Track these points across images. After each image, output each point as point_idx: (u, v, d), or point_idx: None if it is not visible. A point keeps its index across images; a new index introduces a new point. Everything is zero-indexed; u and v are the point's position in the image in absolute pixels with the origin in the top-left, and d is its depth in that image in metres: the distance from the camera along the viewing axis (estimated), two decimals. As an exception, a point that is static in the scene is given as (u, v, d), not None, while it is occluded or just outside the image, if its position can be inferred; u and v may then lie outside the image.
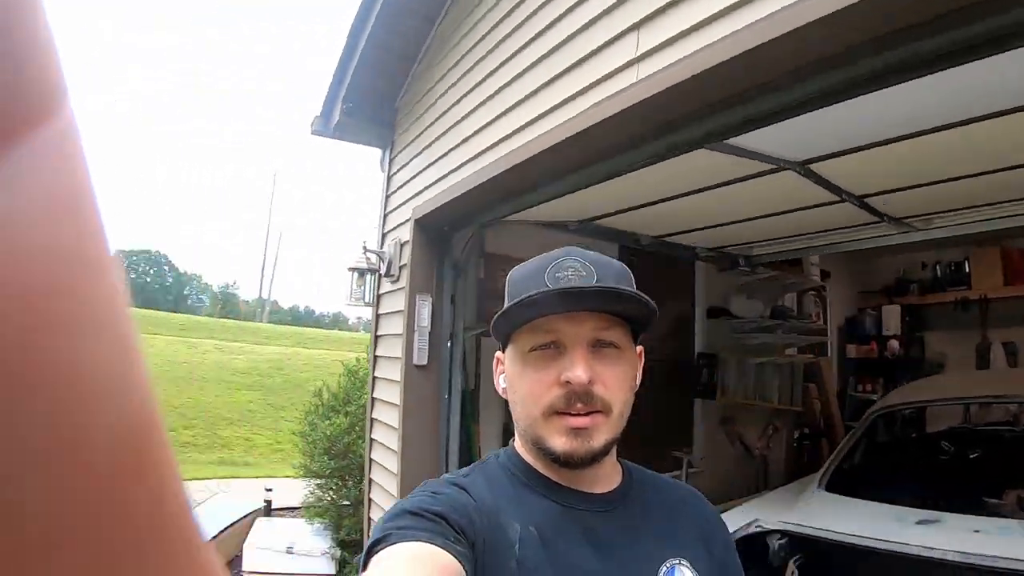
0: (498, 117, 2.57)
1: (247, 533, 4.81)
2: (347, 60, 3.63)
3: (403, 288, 3.58)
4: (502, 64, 2.59)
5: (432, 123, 3.26)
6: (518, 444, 0.98)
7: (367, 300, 4.12)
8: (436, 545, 0.71)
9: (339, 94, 3.72)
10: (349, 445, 4.97)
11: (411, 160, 3.57)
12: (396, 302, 3.74)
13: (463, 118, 2.89)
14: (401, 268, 3.66)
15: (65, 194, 0.17)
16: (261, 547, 4.59)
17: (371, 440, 4.04)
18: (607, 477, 0.97)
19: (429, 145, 3.28)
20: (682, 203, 3.00)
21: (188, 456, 8.40)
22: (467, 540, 0.77)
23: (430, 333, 3.45)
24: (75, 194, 0.17)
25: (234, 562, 4.61)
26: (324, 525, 4.89)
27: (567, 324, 0.88)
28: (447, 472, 3.20)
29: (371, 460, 3.97)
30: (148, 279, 50.96)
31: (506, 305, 0.89)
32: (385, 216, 4.13)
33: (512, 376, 0.93)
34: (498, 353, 0.99)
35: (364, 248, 4.00)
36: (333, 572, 4.51)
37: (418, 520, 0.75)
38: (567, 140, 2.08)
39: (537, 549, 0.84)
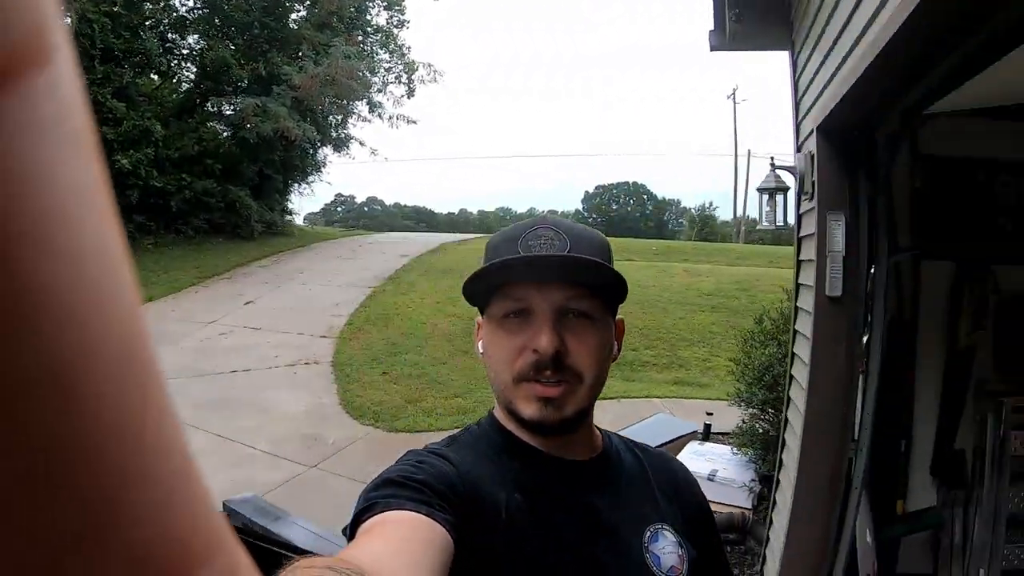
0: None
1: (677, 454, 4.99)
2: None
3: (815, 208, 3.13)
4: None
5: (818, 7, 2.69)
6: (497, 411, 0.99)
7: (780, 222, 3.75)
8: (422, 513, 0.72)
9: (724, 3, 3.38)
10: (778, 377, 4.67)
11: (810, 57, 3.04)
12: (812, 223, 3.31)
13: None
14: (813, 184, 3.20)
15: (57, 142, 0.17)
16: (684, 470, 4.71)
17: (790, 376, 3.72)
18: (586, 444, 0.98)
19: (822, 33, 2.72)
20: None
21: (647, 375, 9.06)
22: (452, 508, 0.76)
23: (844, 258, 2.94)
24: (68, 139, 0.18)
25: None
26: (749, 457, 4.74)
27: (536, 292, 0.89)
28: (857, 420, 2.78)
29: (788, 398, 3.66)
30: (629, 208, 55.89)
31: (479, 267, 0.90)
32: (797, 126, 3.64)
33: (487, 341, 0.95)
34: (478, 318, 0.99)
35: (772, 165, 3.63)
36: (750, 506, 4.36)
37: (403, 489, 0.76)
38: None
39: (524, 516, 0.85)
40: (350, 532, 0.74)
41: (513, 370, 0.90)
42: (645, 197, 57.22)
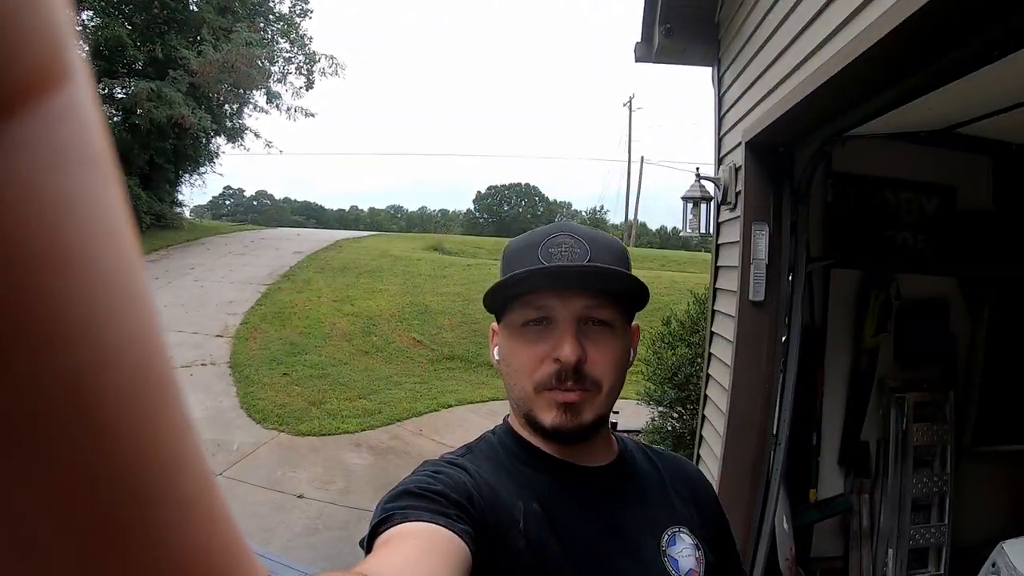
0: (825, 5, 2.13)
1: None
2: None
3: (739, 217, 3.33)
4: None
5: (753, 32, 2.89)
6: (512, 419, 0.99)
7: (703, 230, 3.96)
8: (440, 525, 0.71)
9: (655, 17, 3.55)
10: (689, 377, 4.93)
11: (737, 77, 3.24)
12: (734, 232, 3.51)
13: (786, 16, 2.49)
14: (737, 195, 3.40)
15: (73, 163, 0.17)
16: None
17: (707, 376, 3.93)
18: (602, 451, 0.98)
19: (753, 57, 2.92)
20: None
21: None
22: (469, 518, 0.76)
23: (767, 266, 3.15)
24: (86, 161, 0.17)
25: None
26: (663, 453, 4.97)
27: (558, 300, 0.88)
28: (776, 417, 2.99)
29: (706, 396, 3.87)
30: (520, 210, 56.65)
31: (499, 279, 0.90)
32: (720, 139, 3.87)
33: (505, 349, 0.94)
34: (493, 324, 0.99)
35: (697, 175, 3.82)
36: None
37: (420, 500, 0.75)
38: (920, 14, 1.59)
39: (542, 525, 0.85)
40: (367, 544, 0.73)
41: (534, 379, 0.89)
42: (536, 199, 58.20)
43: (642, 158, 34.88)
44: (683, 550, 0.93)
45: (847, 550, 3.20)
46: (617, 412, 6.67)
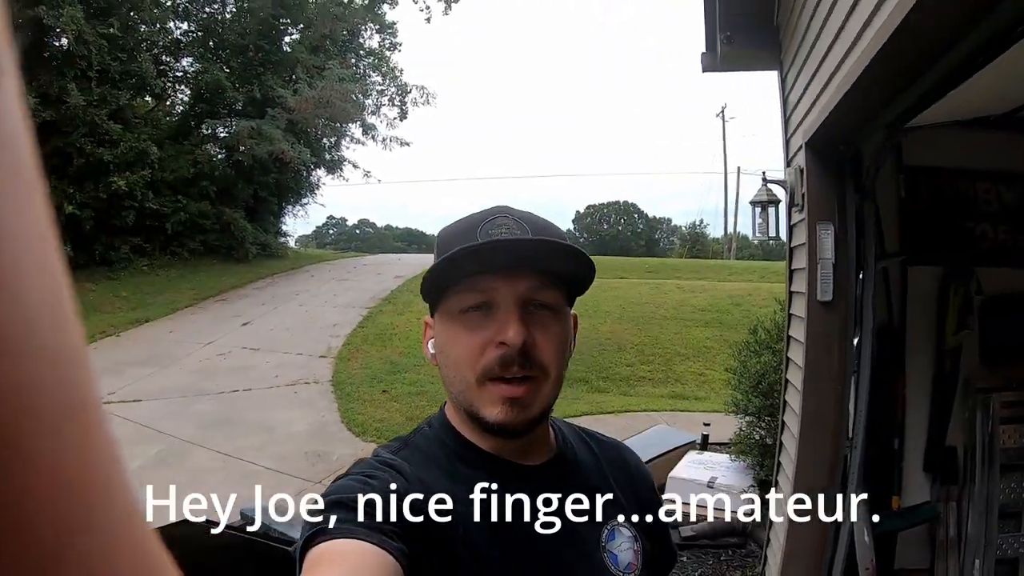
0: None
1: (676, 463, 5.10)
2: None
3: (805, 219, 3.29)
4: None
5: (806, 28, 2.87)
6: (450, 412, 0.94)
7: (772, 233, 3.91)
8: (372, 543, 0.69)
9: (715, 26, 3.58)
10: (773, 384, 4.80)
11: (797, 77, 3.21)
12: (802, 234, 3.46)
13: (833, 3, 2.47)
14: (803, 196, 3.36)
15: (4, 178, 0.16)
16: (684, 478, 4.83)
17: (785, 381, 3.85)
18: (540, 444, 0.94)
19: (809, 54, 2.90)
20: None
21: (643, 390, 9.21)
22: (403, 533, 0.74)
23: (834, 265, 3.09)
24: (9, 172, 0.17)
25: (657, 490, 4.93)
26: (747, 463, 4.86)
27: (501, 283, 0.83)
28: (851, 419, 2.90)
29: (784, 401, 3.79)
30: (620, 228, 56.12)
31: (435, 261, 0.84)
32: (787, 141, 3.82)
33: (443, 340, 0.88)
34: (426, 318, 0.94)
35: (763, 179, 3.79)
36: (749, 511, 4.47)
37: (352, 513, 0.73)
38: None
39: (481, 529, 0.82)
40: (299, 556, 0.72)
41: (477, 369, 0.84)
42: (636, 216, 57.54)
43: (738, 168, 33.96)
44: (622, 543, 0.92)
45: (933, 560, 3.04)
46: (708, 424, 6.57)
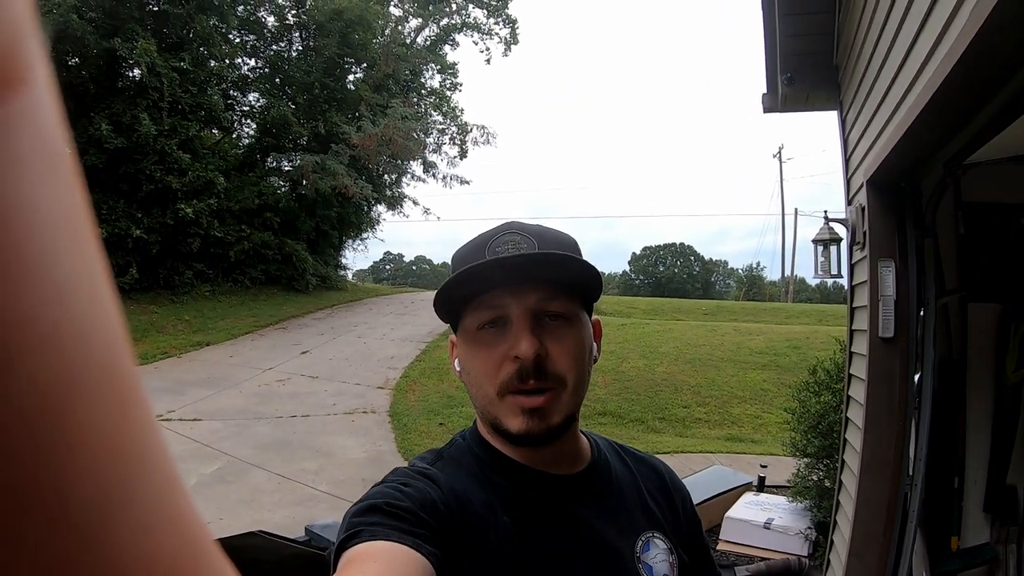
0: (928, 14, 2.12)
1: (732, 504, 5.03)
2: (770, 33, 3.58)
3: (866, 257, 3.31)
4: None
5: (865, 68, 2.94)
6: (480, 425, 0.96)
7: (834, 271, 3.92)
8: (406, 545, 0.71)
9: (776, 68, 3.67)
10: (832, 424, 4.73)
11: (857, 116, 3.28)
12: (863, 272, 3.48)
13: (892, 43, 2.54)
14: (864, 234, 3.39)
15: (34, 167, 0.17)
16: (740, 519, 4.76)
17: (846, 419, 3.82)
18: (573, 455, 0.95)
19: (868, 93, 2.96)
20: None
21: (699, 431, 9.08)
22: (437, 536, 0.76)
23: (895, 301, 3.10)
24: (48, 165, 0.17)
25: (713, 530, 4.88)
26: (805, 505, 4.77)
27: (510, 298, 0.86)
28: (911, 457, 2.86)
29: (844, 440, 3.75)
30: (676, 270, 55.66)
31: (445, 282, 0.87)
32: (848, 180, 3.86)
33: (465, 358, 0.91)
34: (451, 336, 0.96)
35: (825, 218, 3.82)
36: (806, 553, 4.38)
37: (388, 517, 0.75)
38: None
39: (512, 538, 0.84)
40: (334, 558, 0.73)
41: (496, 383, 0.86)
42: (692, 258, 57.03)
43: (796, 210, 33.51)
44: (657, 555, 0.93)
45: (994, 602, 2.95)
46: (765, 466, 6.47)
